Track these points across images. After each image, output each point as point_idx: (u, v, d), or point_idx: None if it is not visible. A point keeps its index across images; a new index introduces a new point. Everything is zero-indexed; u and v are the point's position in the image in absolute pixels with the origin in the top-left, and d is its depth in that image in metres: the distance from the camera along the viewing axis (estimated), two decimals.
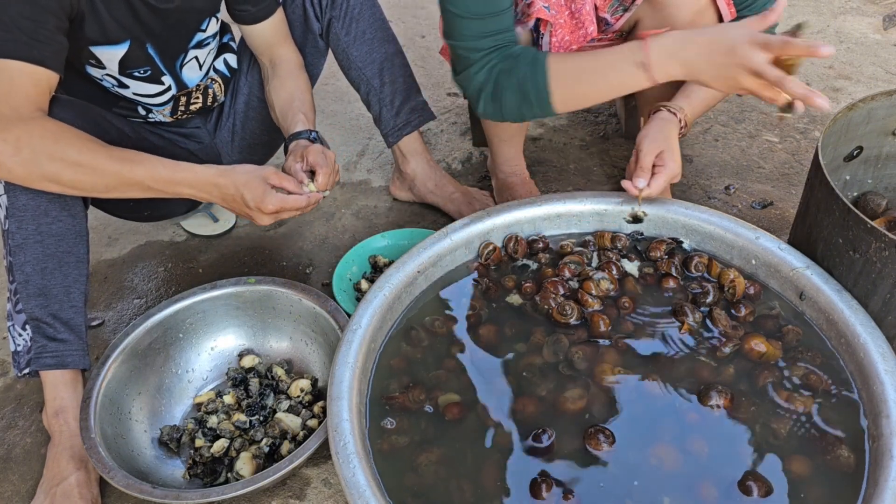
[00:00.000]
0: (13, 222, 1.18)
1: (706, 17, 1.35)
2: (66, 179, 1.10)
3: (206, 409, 1.31)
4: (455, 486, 1.05)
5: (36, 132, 1.07)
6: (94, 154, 1.10)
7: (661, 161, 1.30)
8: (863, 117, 1.35)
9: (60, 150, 1.08)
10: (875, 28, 2.45)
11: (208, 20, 1.40)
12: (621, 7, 1.37)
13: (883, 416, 1.03)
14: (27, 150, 1.06)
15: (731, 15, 1.35)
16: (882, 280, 1.13)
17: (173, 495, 1.09)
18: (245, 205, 1.20)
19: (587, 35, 1.34)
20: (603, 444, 1.06)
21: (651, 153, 1.29)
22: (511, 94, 1.22)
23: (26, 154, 1.06)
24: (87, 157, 1.10)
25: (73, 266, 1.23)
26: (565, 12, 1.32)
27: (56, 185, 1.11)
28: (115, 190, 1.14)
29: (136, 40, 1.29)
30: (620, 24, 1.41)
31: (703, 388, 1.12)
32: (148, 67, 1.35)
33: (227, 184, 1.19)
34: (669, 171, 1.29)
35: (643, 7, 1.37)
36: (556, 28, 1.32)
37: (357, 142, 2.09)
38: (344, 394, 1.09)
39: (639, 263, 1.35)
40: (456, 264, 1.37)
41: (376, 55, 1.59)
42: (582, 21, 1.33)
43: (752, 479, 1.01)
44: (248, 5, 1.42)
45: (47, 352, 1.22)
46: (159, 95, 1.41)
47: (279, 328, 1.41)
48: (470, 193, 1.72)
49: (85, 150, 1.10)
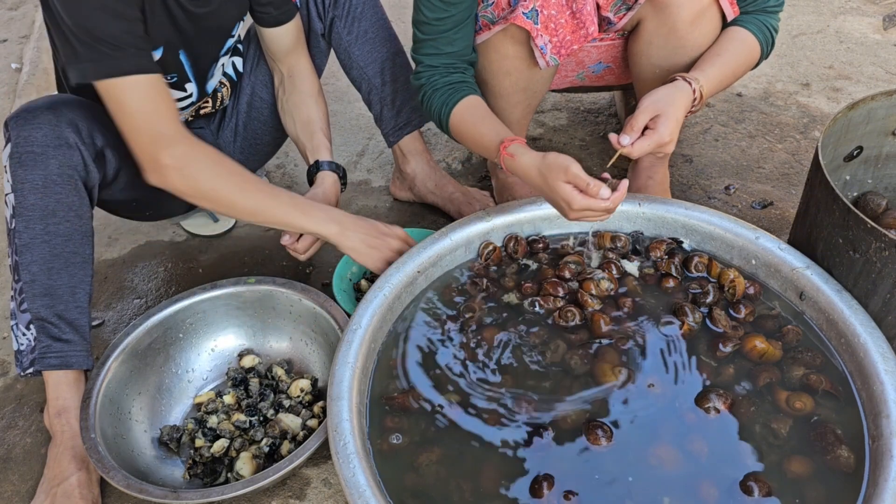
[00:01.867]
0: (20, 221, 1.18)
1: (708, 16, 1.35)
2: (222, 198, 1.22)
3: (206, 409, 1.31)
4: (455, 486, 1.05)
5: (195, 152, 1.18)
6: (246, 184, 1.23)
7: (653, 124, 1.22)
8: (863, 117, 1.35)
9: (219, 174, 1.21)
10: (875, 28, 2.45)
11: (238, 24, 1.41)
12: (625, 6, 1.37)
13: (883, 416, 1.03)
14: (191, 169, 1.17)
15: (734, 13, 1.35)
16: (882, 280, 1.13)
17: (173, 495, 1.09)
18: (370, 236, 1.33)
19: (588, 35, 1.34)
20: (602, 439, 1.06)
21: (647, 113, 1.22)
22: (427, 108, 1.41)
23: (191, 172, 1.17)
24: (239, 186, 1.23)
25: (79, 266, 1.23)
26: (566, 12, 1.32)
27: (206, 201, 1.23)
28: (250, 217, 1.27)
29: (170, 46, 1.30)
30: (623, 24, 1.41)
31: (701, 391, 1.12)
32: (175, 74, 1.36)
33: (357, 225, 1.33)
34: (659, 136, 1.21)
35: (645, 7, 1.37)
36: (557, 27, 1.32)
37: (357, 142, 2.09)
38: (344, 394, 1.09)
39: (639, 263, 1.35)
40: (456, 264, 1.37)
41: (378, 54, 1.60)
42: (583, 21, 1.33)
43: (754, 480, 1.01)
44: (271, 7, 1.43)
45: (52, 352, 1.22)
46: (179, 102, 1.42)
47: (279, 328, 1.41)
48: (470, 193, 1.72)
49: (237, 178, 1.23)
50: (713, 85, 1.33)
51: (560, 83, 1.68)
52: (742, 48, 1.37)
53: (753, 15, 1.38)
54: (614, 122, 2.06)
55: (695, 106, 1.29)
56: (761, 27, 1.37)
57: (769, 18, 1.38)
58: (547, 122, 2.09)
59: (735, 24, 1.38)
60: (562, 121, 2.09)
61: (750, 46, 1.38)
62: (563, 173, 1.15)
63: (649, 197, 1.40)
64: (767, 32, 1.38)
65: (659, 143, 1.21)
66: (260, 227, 1.80)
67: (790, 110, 2.06)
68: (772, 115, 2.04)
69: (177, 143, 1.16)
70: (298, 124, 1.50)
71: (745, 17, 1.38)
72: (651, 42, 1.41)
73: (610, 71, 1.61)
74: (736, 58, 1.37)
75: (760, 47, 1.39)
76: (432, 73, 1.39)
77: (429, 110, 1.40)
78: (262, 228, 1.80)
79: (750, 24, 1.37)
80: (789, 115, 2.04)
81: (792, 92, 2.13)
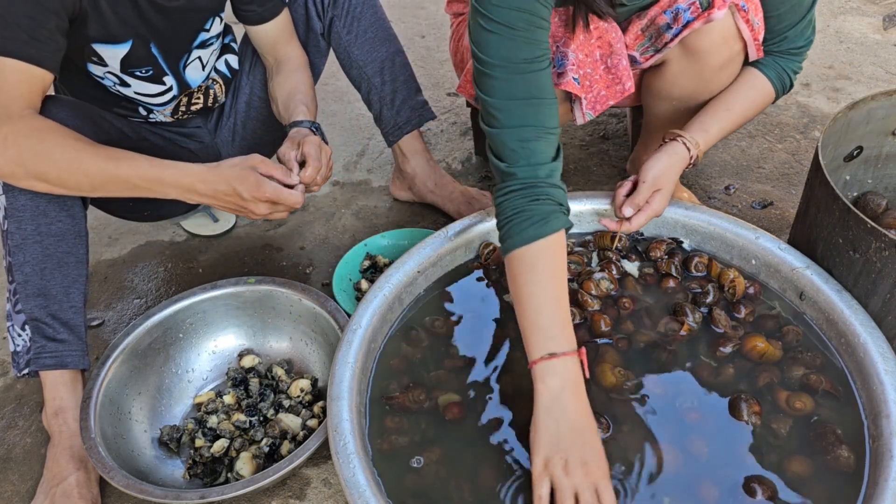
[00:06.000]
0: (12, 222, 1.18)
1: (736, 63, 1.33)
2: (53, 177, 1.09)
3: (206, 409, 1.30)
4: (455, 486, 1.05)
5: (23, 130, 1.07)
6: (79, 152, 1.09)
7: (651, 199, 1.27)
8: (863, 117, 1.35)
9: (46, 148, 1.07)
10: (875, 28, 2.45)
11: (212, 20, 1.40)
12: (652, 48, 1.32)
13: (883, 416, 1.03)
14: (13, 149, 1.05)
15: (758, 56, 1.32)
16: (882, 280, 1.13)
17: (173, 495, 1.09)
18: (239, 197, 1.16)
19: (624, 91, 1.31)
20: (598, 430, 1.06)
21: (650, 190, 1.27)
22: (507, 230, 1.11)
23: (12, 152, 1.06)
24: (72, 154, 1.08)
25: (72, 266, 1.23)
26: (601, 67, 1.29)
27: (43, 183, 1.10)
28: (101, 188, 1.12)
29: (140, 39, 1.29)
30: (649, 65, 1.37)
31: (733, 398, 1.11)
32: (150, 67, 1.34)
33: (217, 179, 1.14)
34: (653, 211, 1.28)
35: (675, 50, 1.33)
36: (592, 84, 1.29)
37: (357, 142, 2.09)
38: (344, 394, 1.09)
39: (639, 263, 1.35)
40: (456, 264, 1.37)
41: (377, 54, 1.60)
42: (619, 76, 1.30)
43: (757, 482, 1.00)
44: (255, 6, 1.42)
45: (46, 352, 1.22)
46: (161, 96, 1.41)
47: (279, 328, 1.41)
48: (470, 193, 1.72)
49: (70, 147, 1.09)
50: (712, 142, 1.33)
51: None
52: (755, 97, 1.35)
53: (776, 57, 1.33)
54: (614, 121, 2.06)
55: (688, 167, 1.32)
56: (780, 73, 1.33)
57: (791, 62, 1.34)
58: None
59: (755, 66, 1.34)
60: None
61: (765, 94, 1.35)
62: None
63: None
64: (786, 77, 1.34)
65: (653, 216, 1.29)
66: (260, 227, 1.80)
67: (790, 110, 2.06)
68: (772, 115, 2.04)
69: (4, 126, 1.06)
70: (281, 101, 1.45)
71: (767, 61, 1.33)
72: (675, 83, 1.38)
73: None
74: (745, 110, 1.35)
75: (776, 93, 1.36)
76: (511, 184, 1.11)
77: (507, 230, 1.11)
78: (263, 228, 1.80)
79: (770, 69, 1.33)
80: (789, 115, 2.04)
81: (792, 92, 2.13)
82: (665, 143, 1.32)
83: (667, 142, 1.32)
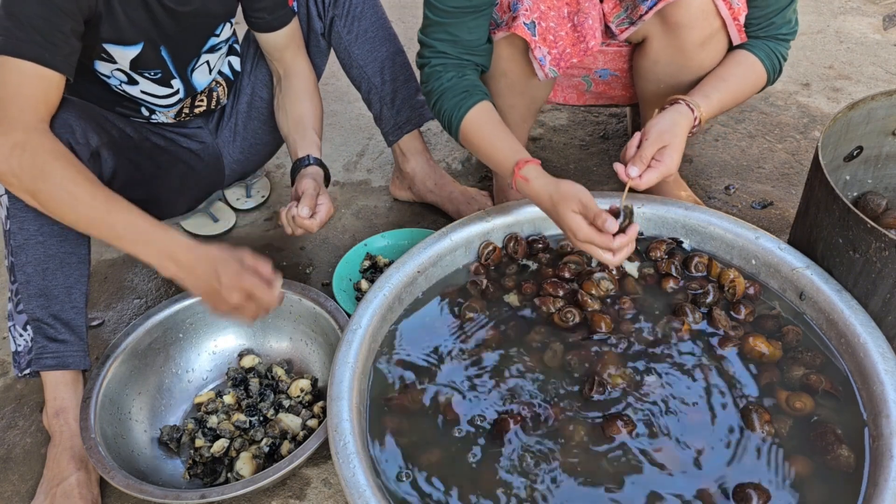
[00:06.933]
0: (15, 223, 1.18)
1: (717, 38, 1.33)
2: (43, 198, 1.08)
3: (206, 409, 1.31)
4: (455, 485, 1.05)
5: (34, 143, 1.07)
6: (79, 185, 1.08)
7: (660, 156, 1.23)
8: (863, 117, 1.35)
9: (51, 169, 1.07)
10: (875, 28, 2.45)
11: (223, 25, 1.40)
12: (628, 20, 1.34)
13: (883, 416, 1.03)
14: (17, 160, 1.05)
15: (741, 39, 1.33)
16: (882, 280, 1.13)
17: (173, 495, 1.09)
18: (217, 280, 1.10)
19: (588, 49, 1.32)
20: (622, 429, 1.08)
21: (655, 145, 1.23)
22: (437, 111, 1.36)
23: (15, 163, 1.05)
24: (71, 185, 1.07)
25: (74, 267, 1.23)
26: (567, 24, 1.30)
27: (31, 198, 1.09)
28: (84, 225, 1.11)
29: (150, 42, 1.29)
30: (625, 37, 1.38)
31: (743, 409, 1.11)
32: (159, 70, 1.35)
33: (202, 255, 1.11)
34: (666, 167, 1.22)
35: (654, 24, 1.34)
36: (557, 39, 1.30)
37: (357, 142, 2.09)
38: (344, 394, 1.09)
39: (639, 263, 1.35)
40: (456, 264, 1.37)
41: (378, 54, 1.60)
42: (584, 34, 1.31)
43: (753, 488, 1.00)
44: (265, 13, 1.42)
45: (48, 352, 1.22)
46: (167, 98, 1.41)
47: (279, 328, 1.41)
48: (469, 193, 1.72)
49: (71, 178, 1.08)
50: (714, 110, 1.32)
51: (568, 92, 1.66)
52: (748, 74, 1.35)
53: (764, 41, 1.35)
54: (614, 121, 2.06)
55: (693, 130, 1.29)
56: (770, 54, 1.35)
57: (779, 46, 1.35)
58: (547, 122, 2.09)
59: (744, 48, 1.35)
60: (562, 121, 2.09)
61: (757, 73, 1.35)
62: (574, 203, 1.14)
63: (650, 197, 1.40)
64: (776, 60, 1.35)
65: (666, 174, 1.23)
66: (260, 227, 1.80)
67: (790, 110, 2.06)
68: (772, 115, 2.04)
69: (18, 132, 1.07)
70: (291, 122, 1.48)
71: (755, 43, 1.34)
72: (657, 60, 1.39)
73: (617, 80, 1.58)
74: (740, 84, 1.35)
75: (767, 74, 1.36)
76: (442, 62, 1.33)
77: (438, 113, 1.35)
78: (263, 228, 1.80)
79: (759, 49, 1.34)
80: (789, 115, 2.04)
81: (792, 92, 2.13)
82: (666, 107, 1.30)
83: (667, 106, 1.30)
